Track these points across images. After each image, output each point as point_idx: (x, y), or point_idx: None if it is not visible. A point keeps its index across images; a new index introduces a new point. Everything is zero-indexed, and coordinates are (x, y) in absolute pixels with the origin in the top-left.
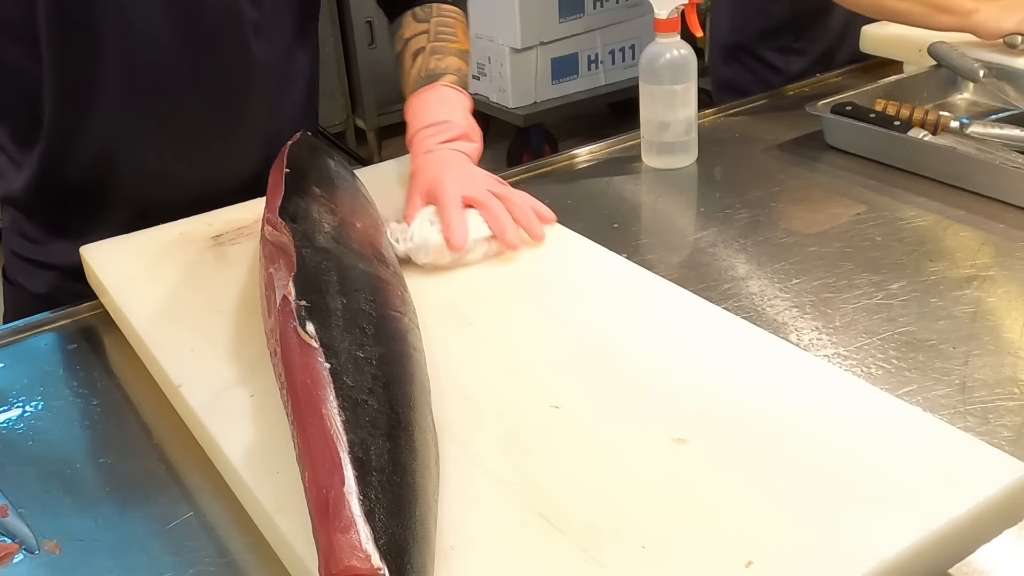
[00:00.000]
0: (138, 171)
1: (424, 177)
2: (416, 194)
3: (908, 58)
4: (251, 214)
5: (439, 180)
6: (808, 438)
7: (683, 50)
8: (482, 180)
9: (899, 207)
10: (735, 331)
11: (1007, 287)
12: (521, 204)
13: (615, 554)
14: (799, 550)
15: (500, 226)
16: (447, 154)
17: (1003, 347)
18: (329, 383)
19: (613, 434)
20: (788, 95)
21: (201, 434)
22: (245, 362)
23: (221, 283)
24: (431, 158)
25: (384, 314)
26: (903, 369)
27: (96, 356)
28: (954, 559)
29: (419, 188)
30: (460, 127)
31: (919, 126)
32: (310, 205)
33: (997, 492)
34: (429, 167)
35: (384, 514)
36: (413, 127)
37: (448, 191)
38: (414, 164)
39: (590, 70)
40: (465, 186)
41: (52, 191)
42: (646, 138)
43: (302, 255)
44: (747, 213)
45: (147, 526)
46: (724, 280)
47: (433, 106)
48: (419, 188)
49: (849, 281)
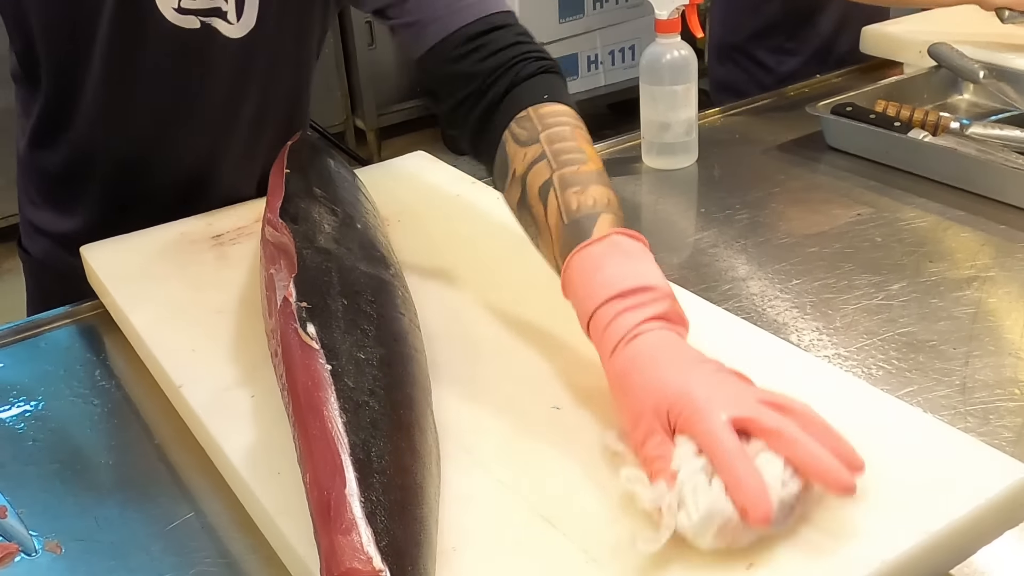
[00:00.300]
0: (116, 158)
1: (651, 387)
2: (647, 418)
3: (908, 59)
4: (252, 214)
5: (687, 394)
6: None
7: (684, 51)
8: (737, 383)
9: (899, 208)
10: (736, 332)
11: (1008, 288)
12: (815, 420)
13: (616, 556)
14: (800, 552)
15: (819, 464)
16: (670, 339)
17: (1004, 348)
18: (330, 384)
19: (614, 434)
20: (788, 96)
21: (202, 435)
22: (246, 363)
23: (222, 283)
24: (647, 349)
25: (385, 315)
26: (903, 370)
27: (97, 356)
28: (955, 560)
29: (648, 406)
30: (666, 295)
31: (919, 127)
32: (310, 206)
33: (998, 493)
34: (651, 368)
35: (385, 516)
36: (591, 299)
37: (712, 417)
38: (615, 362)
39: (590, 71)
40: (727, 401)
41: (44, 158)
42: (646, 139)
43: (303, 256)
44: (747, 214)
45: (148, 527)
46: (724, 281)
47: (614, 266)
48: (648, 406)
49: (849, 282)
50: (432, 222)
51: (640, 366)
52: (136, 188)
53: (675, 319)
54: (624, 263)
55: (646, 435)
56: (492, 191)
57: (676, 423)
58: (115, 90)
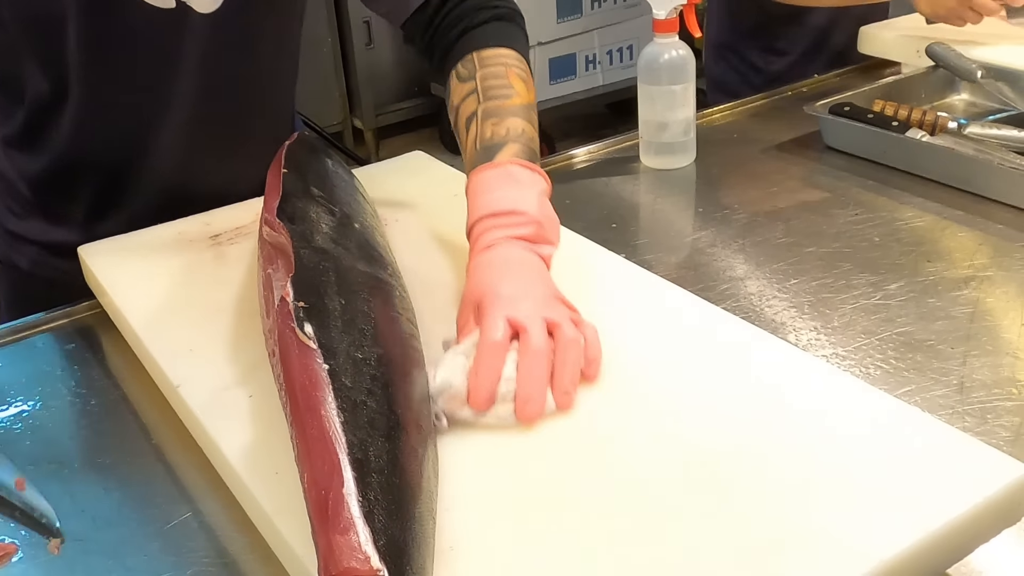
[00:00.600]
0: (101, 160)
1: (475, 283)
2: (467, 308)
3: (906, 59)
4: (249, 214)
5: (488, 293)
6: (807, 439)
7: (682, 50)
8: (545, 301)
9: (897, 207)
10: (734, 331)
11: (1005, 287)
12: (573, 357)
13: (615, 554)
14: (798, 550)
15: (525, 391)
16: (513, 253)
17: (1001, 347)
18: (328, 384)
19: (612, 433)
20: (786, 95)
21: (200, 434)
22: (244, 362)
23: (219, 283)
24: (491, 256)
25: (382, 315)
26: (901, 369)
27: (94, 356)
28: (953, 559)
29: (469, 299)
30: (532, 221)
31: (917, 127)
32: (308, 206)
33: (996, 492)
34: (485, 270)
35: (383, 515)
36: (472, 215)
37: (493, 313)
38: (470, 265)
39: (588, 70)
40: (519, 305)
41: (25, 164)
42: (645, 138)
43: (300, 256)
44: (745, 213)
45: (146, 526)
46: (722, 280)
47: (497, 189)
48: (469, 299)
49: (847, 281)
50: (430, 222)
51: (481, 269)
52: (125, 188)
53: (538, 240)
54: (509, 189)
55: (463, 325)
56: None
57: (477, 316)
58: (94, 87)
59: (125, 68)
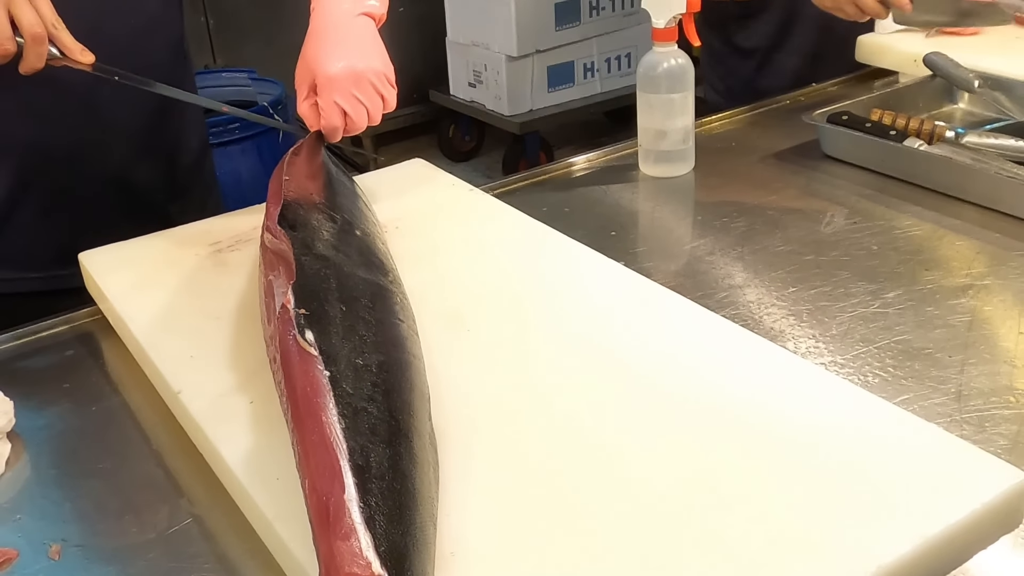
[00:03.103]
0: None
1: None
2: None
3: (904, 68)
4: (250, 221)
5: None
6: (806, 445)
7: (680, 59)
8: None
9: (895, 216)
10: (732, 338)
11: (1002, 296)
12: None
13: (614, 560)
14: (797, 556)
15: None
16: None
17: (999, 356)
18: (329, 390)
19: (610, 440)
20: (784, 104)
21: (200, 440)
22: (244, 369)
23: (220, 290)
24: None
25: (383, 321)
26: (899, 377)
27: (95, 362)
28: (951, 565)
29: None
30: None
31: (915, 136)
32: (309, 213)
33: (994, 499)
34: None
35: (384, 521)
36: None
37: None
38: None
39: (586, 78)
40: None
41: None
42: (643, 146)
43: (301, 263)
44: (744, 221)
45: (146, 532)
46: (721, 288)
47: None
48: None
49: (845, 290)
50: (430, 229)
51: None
52: (73, 195)
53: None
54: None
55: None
56: (490, 198)
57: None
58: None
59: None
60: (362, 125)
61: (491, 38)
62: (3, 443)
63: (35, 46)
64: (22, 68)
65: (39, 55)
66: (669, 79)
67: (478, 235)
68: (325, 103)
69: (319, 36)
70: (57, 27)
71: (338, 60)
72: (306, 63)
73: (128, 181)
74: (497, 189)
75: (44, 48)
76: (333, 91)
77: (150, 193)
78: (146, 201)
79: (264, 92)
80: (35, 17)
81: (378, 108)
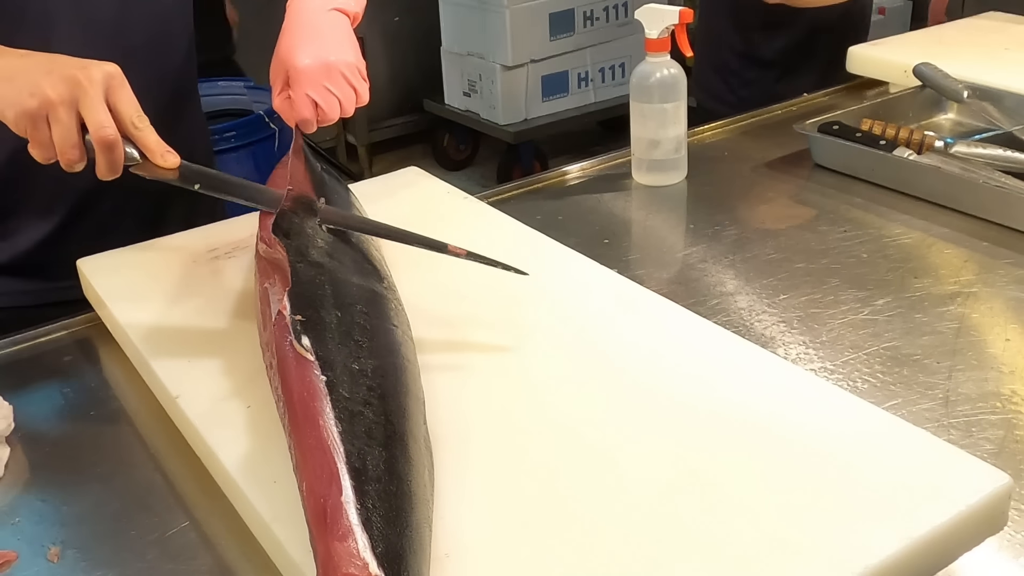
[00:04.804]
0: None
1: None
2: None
3: (894, 79)
4: (247, 228)
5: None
6: (796, 449)
7: (673, 69)
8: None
9: (884, 225)
10: (724, 344)
11: (990, 303)
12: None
13: (607, 562)
14: (786, 557)
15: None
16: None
17: (986, 362)
18: (325, 395)
19: (605, 443)
20: (776, 114)
21: (198, 444)
22: (242, 374)
23: (218, 296)
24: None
25: (378, 327)
26: (888, 383)
27: (92, 367)
28: (938, 566)
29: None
30: None
31: (904, 145)
32: (304, 220)
33: (979, 501)
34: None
35: (381, 522)
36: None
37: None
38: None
39: (580, 88)
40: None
41: None
42: (636, 155)
43: (296, 270)
44: (735, 230)
45: (144, 535)
46: (713, 296)
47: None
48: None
49: (835, 297)
50: None
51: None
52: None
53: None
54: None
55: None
56: (484, 205)
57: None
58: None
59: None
60: (334, 116)
61: (486, 48)
62: (2, 447)
63: (106, 152)
64: (98, 175)
65: (112, 163)
66: (662, 89)
67: (472, 243)
68: (297, 95)
69: (292, 31)
70: (139, 125)
71: (309, 53)
72: (279, 58)
73: (143, 189)
74: (492, 197)
75: (117, 154)
76: (305, 84)
77: (163, 200)
78: (159, 208)
79: (260, 101)
80: (105, 117)
81: (350, 100)
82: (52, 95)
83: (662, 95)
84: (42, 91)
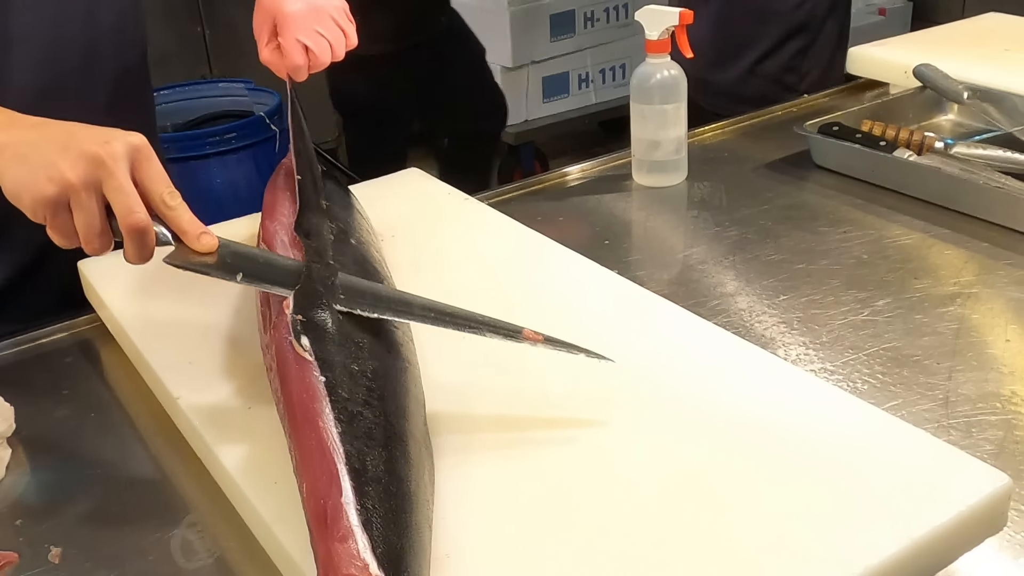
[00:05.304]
0: None
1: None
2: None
3: (894, 80)
4: (247, 230)
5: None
6: (796, 449)
7: (673, 70)
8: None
9: (885, 225)
10: (724, 345)
11: (990, 304)
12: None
13: (609, 562)
14: (786, 558)
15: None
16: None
17: (986, 363)
18: (325, 396)
19: (605, 444)
20: (776, 115)
21: (199, 445)
22: (243, 375)
23: (218, 298)
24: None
25: (378, 328)
26: (888, 384)
27: (93, 369)
28: (937, 566)
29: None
30: None
31: (904, 146)
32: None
33: (979, 502)
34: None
35: (381, 523)
36: None
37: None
38: None
39: (581, 89)
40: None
41: None
42: (637, 156)
43: None
44: (736, 231)
45: (145, 536)
46: (713, 296)
47: None
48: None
49: (835, 298)
50: (425, 238)
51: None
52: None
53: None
54: None
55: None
56: (485, 207)
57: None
58: None
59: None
60: (326, 60)
61: (486, 49)
62: (4, 448)
63: (136, 239)
64: (127, 260)
65: (143, 248)
66: (662, 90)
67: (473, 244)
68: (287, 42)
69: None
70: (171, 204)
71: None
72: (263, 7)
73: None
74: (492, 198)
75: (149, 239)
76: (294, 28)
77: None
78: None
79: (260, 102)
80: (134, 201)
81: (341, 42)
82: (73, 178)
83: (662, 96)
84: (61, 174)
